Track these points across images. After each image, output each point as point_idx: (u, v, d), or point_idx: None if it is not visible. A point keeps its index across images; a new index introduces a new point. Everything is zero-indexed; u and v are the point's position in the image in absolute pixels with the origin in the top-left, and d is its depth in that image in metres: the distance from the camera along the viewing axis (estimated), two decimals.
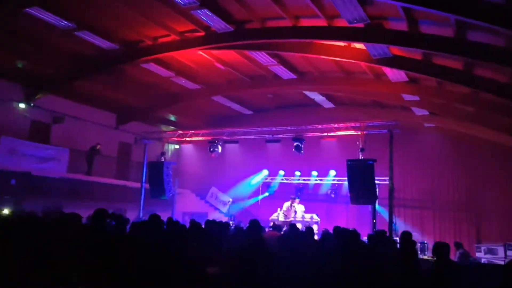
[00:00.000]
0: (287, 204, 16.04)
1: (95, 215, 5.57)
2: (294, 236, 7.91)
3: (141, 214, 15.31)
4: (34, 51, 13.51)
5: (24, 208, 11.44)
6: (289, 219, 15.30)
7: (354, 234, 6.54)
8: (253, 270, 4.85)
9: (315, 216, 16.00)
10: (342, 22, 10.44)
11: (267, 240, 6.83)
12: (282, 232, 9.45)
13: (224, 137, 15.77)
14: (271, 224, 12.14)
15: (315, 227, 13.98)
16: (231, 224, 13.17)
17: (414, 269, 5.78)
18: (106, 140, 17.90)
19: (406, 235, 6.47)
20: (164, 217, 7.09)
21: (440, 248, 5.74)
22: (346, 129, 13.38)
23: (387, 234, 8.61)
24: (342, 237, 6.45)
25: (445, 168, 17.04)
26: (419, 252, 12.76)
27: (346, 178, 12.60)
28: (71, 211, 5.64)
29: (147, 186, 16.22)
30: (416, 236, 13.84)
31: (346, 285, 5.17)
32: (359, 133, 12.81)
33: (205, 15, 11.00)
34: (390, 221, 12.09)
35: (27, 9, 10.71)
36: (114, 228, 7.23)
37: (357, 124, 12.99)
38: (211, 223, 7.88)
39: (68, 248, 4.58)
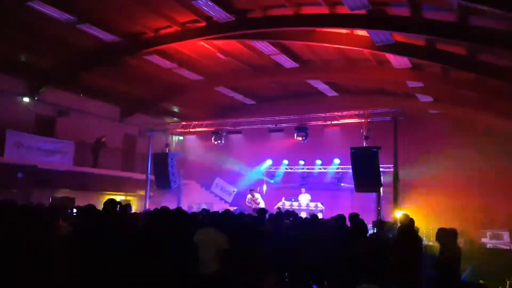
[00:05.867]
0: (248, 197, 16.20)
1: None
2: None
3: (147, 206, 15.42)
4: (37, 45, 13.54)
5: (32, 201, 11.54)
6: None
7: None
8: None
9: (319, 204, 16.06)
10: (344, 9, 10.36)
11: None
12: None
13: (228, 128, 15.78)
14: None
15: (319, 215, 14.03)
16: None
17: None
18: (111, 132, 17.99)
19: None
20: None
21: (446, 234, 5.78)
22: (350, 117, 13.36)
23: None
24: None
25: (450, 154, 16.97)
26: (424, 237, 12.81)
27: (350, 166, 12.61)
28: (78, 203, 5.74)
29: (153, 177, 16.31)
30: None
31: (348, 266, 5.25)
32: (363, 120, 12.78)
33: (206, 5, 10.95)
34: (396, 208, 12.12)
35: (28, 2, 10.72)
36: None
37: (361, 112, 12.95)
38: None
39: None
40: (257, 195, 16.24)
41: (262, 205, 15.52)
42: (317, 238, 6.43)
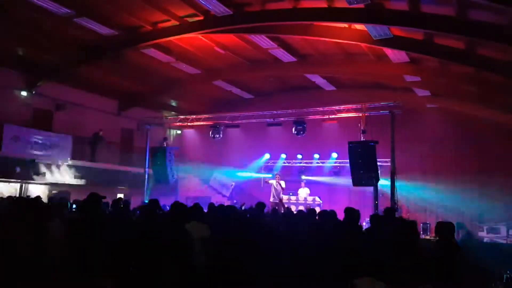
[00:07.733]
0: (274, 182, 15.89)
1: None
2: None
3: (145, 199, 15.43)
4: (35, 39, 13.47)
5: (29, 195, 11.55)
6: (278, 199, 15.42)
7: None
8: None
9: (317, 198, 16.12)
10: (342, 3, 10.33)
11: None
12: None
13: (226, 122, 15.79)
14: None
15: (317, 210, 14.08)
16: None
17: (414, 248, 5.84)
18: (108, 126, 17.94)
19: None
20: (168, 201, 7.20)
21: (443, 228, 5.78)
22: (348, 111, 13.39)
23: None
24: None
25: (447, 148, 17.02)
26: (421, 232, 12.89)
27: (348, 160, 12.64)
28: (75, 197, 5.69)
29: (150, 171, 16.31)
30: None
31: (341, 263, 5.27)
32: (361, 115, 12.81)
33: None
34: (393, 202, 12.16)
35: None
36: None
37: (359, 106, 12.98)
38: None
39: None
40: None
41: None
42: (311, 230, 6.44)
